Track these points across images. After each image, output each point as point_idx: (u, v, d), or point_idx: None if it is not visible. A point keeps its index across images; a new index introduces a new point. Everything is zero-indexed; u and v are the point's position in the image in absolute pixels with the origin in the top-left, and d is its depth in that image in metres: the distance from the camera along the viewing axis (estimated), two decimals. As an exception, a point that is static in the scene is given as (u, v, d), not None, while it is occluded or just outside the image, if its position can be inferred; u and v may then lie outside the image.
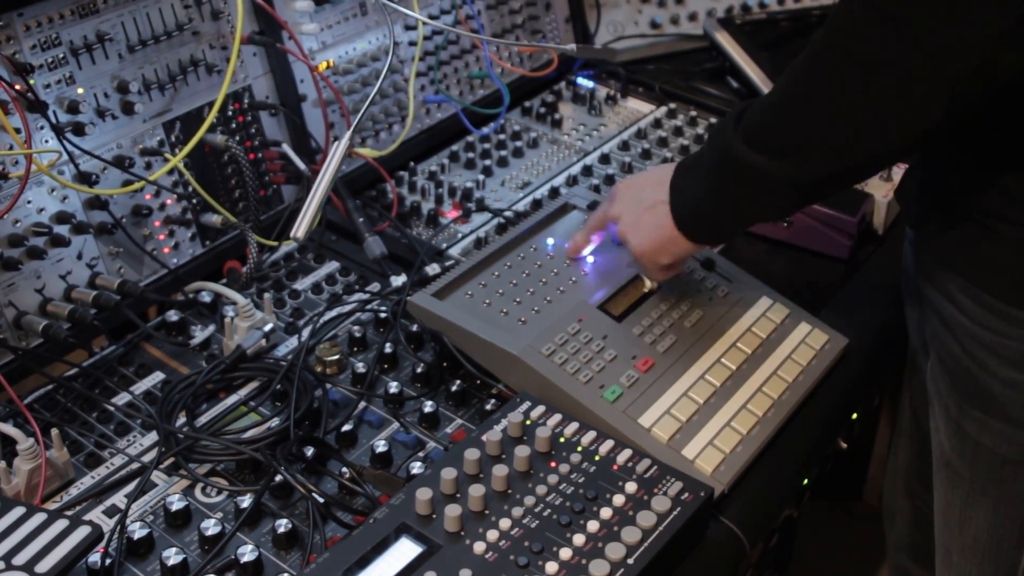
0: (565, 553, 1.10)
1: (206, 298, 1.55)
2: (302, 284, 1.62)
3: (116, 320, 1.50)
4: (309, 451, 1.29)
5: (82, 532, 1.12)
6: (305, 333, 1.48)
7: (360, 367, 1.43)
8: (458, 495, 1.15)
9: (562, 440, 1.24)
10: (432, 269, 1.59)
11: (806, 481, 1.53)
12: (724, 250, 1.67)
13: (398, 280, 1.59)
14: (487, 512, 1.14)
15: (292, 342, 1.50)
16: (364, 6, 1.84)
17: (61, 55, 1.44)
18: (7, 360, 1.40)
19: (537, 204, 1.78)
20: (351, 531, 1.14)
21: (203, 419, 1.36)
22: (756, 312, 1.46)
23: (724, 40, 2.19)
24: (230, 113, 1.65)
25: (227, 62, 1.60)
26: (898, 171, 1.74)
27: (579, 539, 1.11)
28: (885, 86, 1.08)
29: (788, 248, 1.69)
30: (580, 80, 2.16)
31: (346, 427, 1.34)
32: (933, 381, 1.42)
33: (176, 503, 1.22)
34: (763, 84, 2.07)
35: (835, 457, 1.68)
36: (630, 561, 1.10)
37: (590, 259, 1.49)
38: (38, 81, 1.42)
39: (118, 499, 1.26)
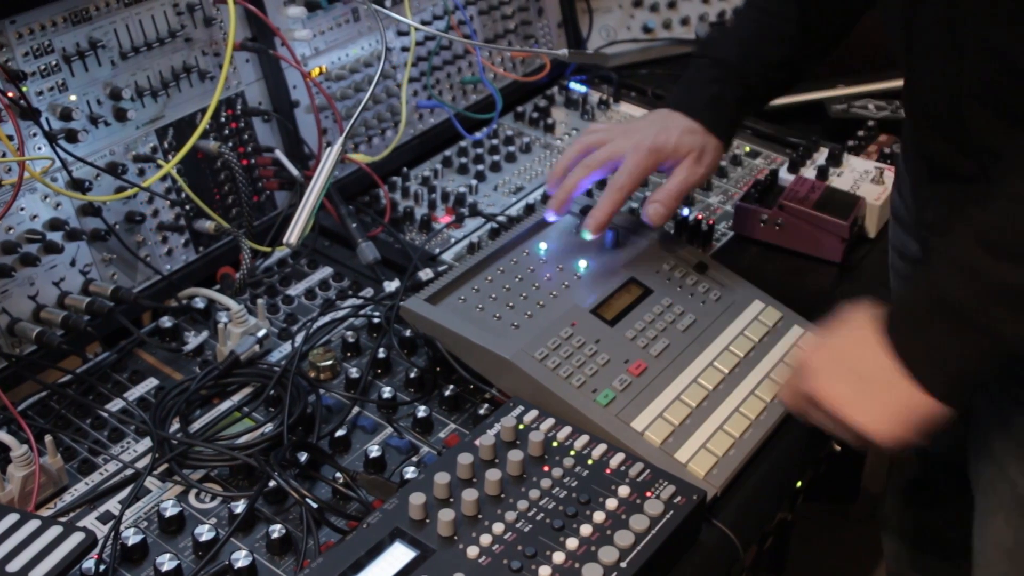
0: (558, 557, 1.10)
1: (199, 304, 1.55)
2: (295, 290, 1.62)
3: (109, 326, 1.50)
4: (303, 456, 1.29)
5: (76, 539, 1.12)
6: (298, 339, 1.48)
7: (353, 372, 1.43)
8: (451, 500, 1.16)
9: (555, 444, 1.24)
10: (425, 274, 1.59)
11: (799, 484, 1.54)
12: (717, 254, 1.68)
13: (391, 285, 1.59)
14: (480, 517, 1.14)
15: (286, 348, 1.50)
16: (356, 12, 1.85)
17: (54, 62, 1.44)
18: (1, 367, 1.40)
19: (530, 209, 1.78)
20: (345, 536, 1.14)
21: (197, 425, 1.36)
22: (748, 315, 1.46)
23: (716, 44, 2.19)
24: (223, 119, 1.66)
25: (220, 68, 1.60)
26: (890, 174, 1.74)
27: (572, 543, 1.11)
28: None
29: (781, 252, 1.69)
30: (573, 85, 2.16)
31: (339, 432, 1.34)
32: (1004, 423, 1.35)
33: (170, 509, 1.22)
34: (755, 88, 2.07)
35: (829, 460, 1.68)
36: (623, 565, 1.10)
37: (583, 264, 1.50)
38: (31, 88, 1.42)
39: (112, 505, 1.26)
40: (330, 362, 1.44)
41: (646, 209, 1.46)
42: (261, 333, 1.45)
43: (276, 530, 1.19)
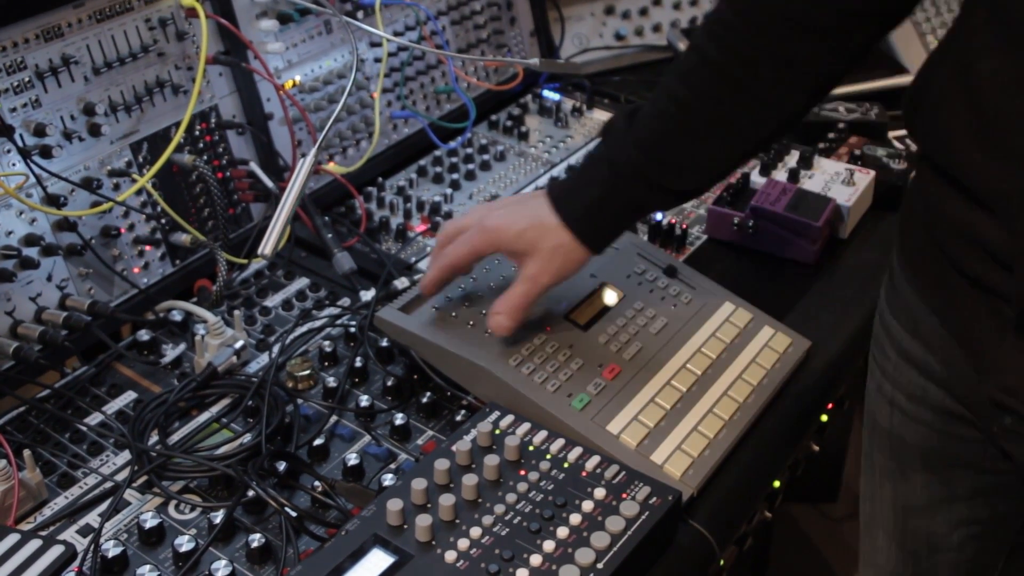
0: (535, 559, 1.11)
1: (177, 317, 1.56)
2: (272, 301, 1.63)
3: (87, 341, 1.50)
4: (281, 466, 1.29)
5: (55, 552, 1.13)
6: (276, 349, 1.49)
7: (331, 382, 1.44)
8: (429, 505, 1.17)
9: (531, 448, 1.25)
10: (401, 283, 1.60)
11: (777, 483, 1.55)
12: (690, 257, 1.69)
13: (368, 295, 1.60)
14: (458, 521, 1.15)
15: (263, 359, 1.51)
16: (328, 24, 1.86)
17: (27, 79, 1.45)
18: (-22, 383, 1.40)
19: (505, 216, 1.79)
20: (324, 544, 1.15)
21: (175, 437, 1.37)
22: (719, 317, 1.48)
23: (687, 50, 2.21)
24: (197, 133, 1.66)
25: (193, 82, 1.61)
26: (861, 175, 1.76)
27: (549, 545, 1.13)
28: None
29: (753, 254, 1.71)
30: (546, 93, 2.17)
31: (318, 441, 1.35)
32: None
33: (150, 520, 1.22)
34: (726, 93, 2.09)
35: (808, 460, 1.69)
36: (600, 565, 1.11)
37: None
38: (4, 105, 1.43)
39: (92, 518, 1.27)
40: (307, 372, 1.45)
41: (488, 321, 1.36)
42: (238, 344, 1.46)
43: (256, 539, 1.20)
